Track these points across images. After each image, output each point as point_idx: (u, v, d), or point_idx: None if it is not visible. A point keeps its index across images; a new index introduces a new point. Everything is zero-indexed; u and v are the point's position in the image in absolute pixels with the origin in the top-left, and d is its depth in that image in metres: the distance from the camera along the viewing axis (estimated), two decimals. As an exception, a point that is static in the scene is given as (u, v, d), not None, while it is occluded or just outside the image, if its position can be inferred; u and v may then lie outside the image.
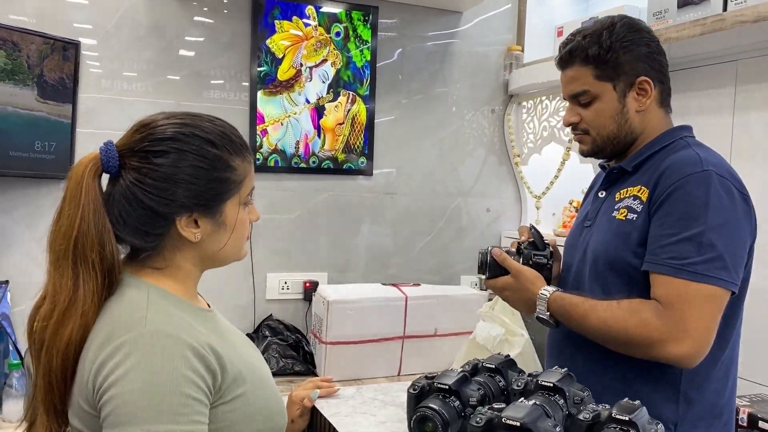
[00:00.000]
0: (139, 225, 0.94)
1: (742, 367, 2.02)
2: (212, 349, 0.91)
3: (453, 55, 2.65)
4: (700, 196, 1.18)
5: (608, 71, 1.29)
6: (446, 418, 1.08)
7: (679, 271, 1.15)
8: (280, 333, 2.28)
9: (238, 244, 1.03)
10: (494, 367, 1.23)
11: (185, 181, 0.94)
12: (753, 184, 1.96)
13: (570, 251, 1.41)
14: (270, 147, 2.37)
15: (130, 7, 2.20)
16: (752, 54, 1.97)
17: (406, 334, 2.20)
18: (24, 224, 2.07)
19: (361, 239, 2.54)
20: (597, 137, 1.33)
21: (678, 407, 1.25)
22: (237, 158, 1.00)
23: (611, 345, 1.22)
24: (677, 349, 1.15)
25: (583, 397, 1.11)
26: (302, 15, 2.39)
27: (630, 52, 1.29)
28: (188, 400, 0.85)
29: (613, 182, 1.36)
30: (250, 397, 0.96)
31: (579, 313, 1.23)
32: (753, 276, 1.96)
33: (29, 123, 1.94)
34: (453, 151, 2.67)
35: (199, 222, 0.97)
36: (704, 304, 1.16)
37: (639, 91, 1.30)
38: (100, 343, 0.88)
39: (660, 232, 1.19)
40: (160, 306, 0.93)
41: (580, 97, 1.32)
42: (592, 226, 1.35)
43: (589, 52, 1.29)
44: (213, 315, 1.04)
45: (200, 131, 0.97)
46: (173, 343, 0.87)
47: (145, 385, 0.84)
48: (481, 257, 1.37)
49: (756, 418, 1.63)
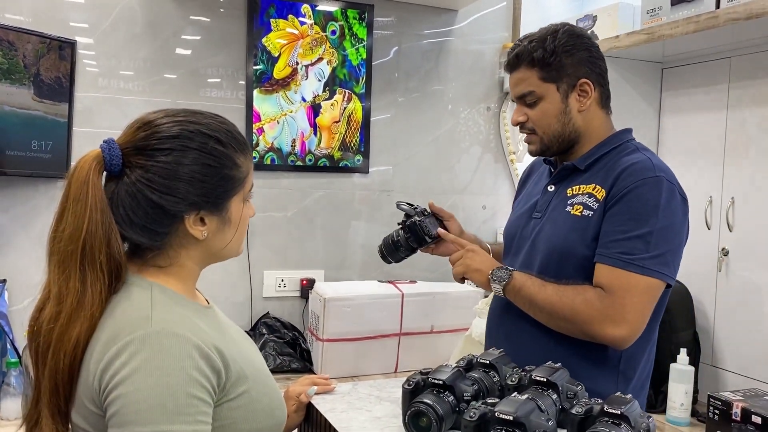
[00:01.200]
0: (147, 224, 0.94)
1: (735, 363, 2.04)
2: (216, 348, 0.91)
3: (448, 53, 2.66)
4: (651, 200, 1.29)
5: (552, 73, 1.39)
6: (440, 413, 1.09)
7: (628, 265, 1.27)
8: (277, 330, 2.29)
9: (240, 240, 1.04)
10: (488, 362, 1.24)
11: (195, 179, 0.94)
12: (746, 180, 1.98)
13: (516, 240, 1.50)
14: (266, 145, 2.38)
15: (126, 6, 2.20)
16: (745, 51, 1.98)
17: (403, 330, 2.21)
18: (21, 223, 2.08)
19: (358, 237, 2.55)
20: (543, 136, 1.42)
21: (617, 385, 1.36)
22: (241, 155, 1.00)
23: (554, 321, 1.33)
24: (613, 330, 1.27)
25: (576, 391, 1.13)
26: (298, 13, 2.40)
27: (572, 55, 1.39)
28: (194, 400, 0.86)
29: (563, 178, 1.45)
30: (252, 393, 0.97)
31: (531, 291, 1.34)
32: (748, 273, 1.97)
33: (26, 122, 1.95)
34: (449, 149, 2.68)
35: (206, 220, 0.98)
36: (643, 294, 1.28)
37: (580, 92, 1.40)
38: (105, 343, 0.88)
39: (612, 228, 1.30)
40: (164, 304, 0.93)
41: (527, 97, 1.41)
42: (543, 218, 1.44)
43: (534, 55, 1.38)
44: (213, 311, 1.05)
45: (206, 129, 0.97)
46: (179, 342, 0.87)
47: (152, 384, 0.84)
48: (414, 226, 1.56)
49: (749, 413, 1.64)
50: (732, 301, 2.03)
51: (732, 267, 2.02)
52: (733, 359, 2.03)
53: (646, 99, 2.31)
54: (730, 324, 2.04)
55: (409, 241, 1.56)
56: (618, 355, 1.36)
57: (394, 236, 1.59)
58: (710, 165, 2.09)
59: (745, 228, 1.98)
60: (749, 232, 1.96)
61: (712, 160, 2.09)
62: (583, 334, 1.31)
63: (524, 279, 1.36)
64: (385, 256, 1.61)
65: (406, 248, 1.58)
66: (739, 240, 2.00)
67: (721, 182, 2.06)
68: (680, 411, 1.88)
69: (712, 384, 2.06)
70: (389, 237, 1.60)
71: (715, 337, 2.08)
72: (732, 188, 2.02)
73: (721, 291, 2.05)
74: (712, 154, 2.10)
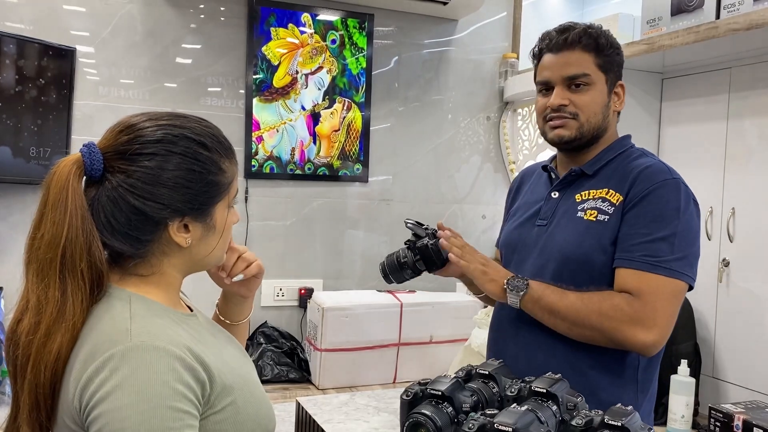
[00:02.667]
0: (129, 230, 0.90)
1: (736, 375, 2.02)
2: (199, 359, 0.87)
3: (448, 62, 2.66)
4: (672, 202, 1.27)
5: (606, 64, 1.35)
6: (439, 425, 1.08)
7: (654, 267, 1.23)
8: (275, 340, 2.27)
9: (223, 247, 1.01)
10: (488, 373, 1.23)
11: (179, 184, 0.91)
12: (747, 190, 1.97)
13: (519, 249, 1.44)
14: (265, 153, 2.38)
15: (126, 15, 2.21)
16: (745, 61, 1.98)
17: (402, 341, 2.20)
18: (19, 231, 2.07)
19: (357, 246, 2.54)
20: (585, 123, 1.35)
21: (637, 395, 1.33)
22: (226, 160, 0.97)
23: (578, 329, 1.27)
24: (644, 335, 1.22)
25: (576, 402, 1.11)
26: (298, 22, 2.40)
27: (619, 55, 1.38)
28: (178, 414, 0.82)
29: (569, 184, 1.40)
30: (239, 404, 0.93)
31: (552, 299, 1.28)
32: (749, 284, 1.96)
33: (25, 129, 1.95)
34: (448, 158, 2.68)
35: (190, 227, 0.94)
36: (672, 298, 1.25)
37: (615, 93, 1.39)
38: (84, 360, 0.84)
39: (634, 231, 1.27)
40: (144, 316, 0.88)
41: (579, 79, 1.33)
42: (550, 225, 1.38)
43: (598, 40, 1.34)
44: (196, 319, 1.00)
45: (190, 133, 0.94)
46: (160, 355, 0.83)
47: (134, 400, 0.80)
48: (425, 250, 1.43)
49: (751, 425, 1.63)
50: (733, 312, 2.01)
51: (733, 278, 2.01)
52: (735, 371, 2.02)
53: (647, 109, 2.31)
54: (732, 335, 2.02)
55: (418, 264, 1.46)
56: (636, 365, 1.33)
57: (400, 256, 1.47)
58: (711, 175, 2.09)
59: (745, 238, 1.97)
60: (750, 243, 1.96)
61: (712, 170, 2.09)
62: (610, 341, 1.26)
63: (542, 288, 1.30)
64: (388, 275, 1.49)
65: (413, 270, 1.48)
66: (740, 250, 1.99)
67: (721, 192, 2.05)
68: (681, 423, 1.86)
69: (713, 396, 2.04)
70: (395, 257, 1.48)
71: (716, 348, 2.07)
72: (733, 199, 2.02)
73: (722, 302, 2.04)
74: (712, 165, 2.09)
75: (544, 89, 1.39)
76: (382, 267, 1.49)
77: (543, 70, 1.39)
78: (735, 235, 1.99)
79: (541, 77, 1.39)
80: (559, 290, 1.29)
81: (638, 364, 1.33)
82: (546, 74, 1.37)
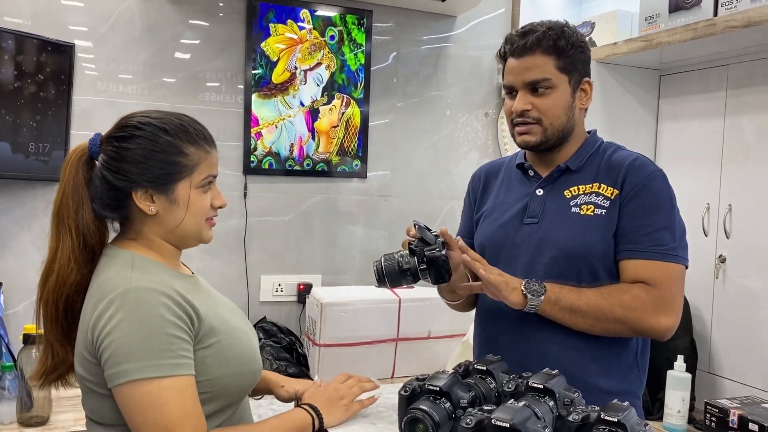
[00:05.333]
0: (106, 199, 1.12)
1: (732, 371, 2.04)
2: (188, 300, 1.07)
3: (447, 58, 2.66)
4: (665, 192, 1.34)
5: (568, 65, 1.36)
6: (437, 420, 1.09)
7: (664, 256, 1.30)
8: (274, 335, 2.28)
9: (195, 222, 1.16)
10: (485, 368, 1.23)
11: (137, 161, 1.10)
12: (743, 187, 1.98)
13: (507, 248, 1.42)
14: (264, 149, 2.38)
15: (125, 10, 2.20)
16: (743, 58, 1.99)
17: (400, 336, 2.21)
18: (18, 226, 2.07)
19: (355, 241, 2.55)
20: (549, 127, 1.37)
21: (640, 377, 1.41)
22: (191, 146, 1.14)
23: (601, 324, 1.30)
24: (666, 321, 1.29)
25: (573, 398, 1.12)
26: (297, 18, 2.40)
27: (582, 53, 1.39)
28: (173, 339, 1.03)
29: (553, 181, 1.42)
30: (224, 345, 1.12)
31: (571, 298, 1.30)
32: (745, 280, 1.97)
33: (23, 125, 1.95)
34: (447, 154, 2.68)
35: (154, 198, 1.12)
36: (681, 282, 1.33)
37: (582, 90, 1.40)
38: (95, 301, 1.06)
39: (637, 223, 1.32)
40: (143, 268, 1.09)
41: (539, 84, 1.35)
42: (541, 222, 1.39)
43: (557, 42, 1.34)
44: (194, 279, 1.21)
45: (157, 122, 1.13)
46: (154, 294, 1.04)
47: (135, 330, 1.01)
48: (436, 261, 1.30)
49: (746, 420, 1.64)
50: (729, 308, 2.03)
51: (729, 274, 2.02)
52: (730, 366, 2.03)
53: (644, 105, 2.32)
54: (728, 331, 2.04)
55: (422, 272, 1.32)
56: (636, 350, 1.39)
57: (402, 261, 1.32)
58: (708, 172, 2.10)
59: (742, 235, 1.98)
60: (746, 239, 1.97)
61: (709, 166, 2.10)
62: (634, 330, 1.31)
63: (558, 289, 1.31)
64: (383, 278, 1.33)
65: (414, 277, 1.33)
66: (737, 247, 2.00)
67: (718, 189, 2.06)
68: (677, 418, 1.88)
69: (709, 391, 2.06)
70: (395, 261, 1.32)
71: (712, 344, 2.08)
72: (729, 195, 2.03)
73: (719, 298, 2.05)
74: (709, 161, 2.10)
75: (509, 93, 1.41)
76: (378, 269, 1.34)
77: (507, 75, 1.41)
78: (731, 232, 2.00)
79: (506, 81, 1.41)
80: (575, 289, 1.31)
81: (637, 348, 1.39)
82: (510, 79, 1.40)
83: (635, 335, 1.34)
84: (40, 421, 1.70)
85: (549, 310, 1.31)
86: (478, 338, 1.54)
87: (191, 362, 1.06)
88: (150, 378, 1.01)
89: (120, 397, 1.03)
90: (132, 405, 1.02)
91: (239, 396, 1.19)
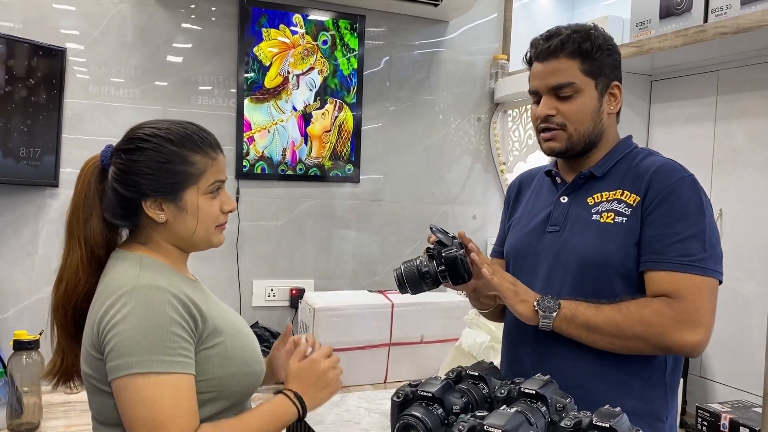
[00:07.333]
0: (118, 208, 1.15)
1: (723, 375, 2.05)
2: (193, 301, 1.09)
3: (439, 63, 2.67)
4: (693, 198, 1.25)
5: (594, 68, 1.31)
6: (429, 426, 1.08)
7: (690, 267, 1.21)
8: (266, 340, 2.27)
9: (204, 227, 1.18)
10: (478, 374, 1.23)
11: (144, 172, 1.13)
12: (734, 192, 1.99)
13: (530, 256, 1.39)
14: (257, 154, 2.38)
15: (117, 14, 2.20)
16: (733, 64, 2.00)
17: (393, 341, 2.20)
18: (9, 231, 2.06)
19: (348, 246, 2.55)
20: (574, 133, 1.32)
21: (667, 400, 1.30)
22: (196, 155, 1.16)
23: (621, 341, 1.22)
24: (691, 336, 1.19)
25: (565, 404, 1.12)
26: (289, 23, 2.40)
27: (611, 56, 1.34)
28: (175, 337, 1.05)
29: (578, 188, 1.36)
30: (228, 345, 1.14)
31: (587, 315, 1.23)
32: (736, 284, 1.98)
33: (14, 130, 1.94)
34: (439, 159, 2.69)
35: (164, 206, 1.15)
36: (710, 296, 1.22)
37: (610, 95, 1.35)
38: (103, 298, 1.09)
39: (661, 232, 1.24)
40: (150, 269, 1.12)
41: (564, 89, 1.31)
42: (563, 230, 1.34)
43: (583, 46, 1.30)
44: (199, 285, 1.22)
45: (163, 132, 1.15)
46: (161, 292, 1.07)
47: (140, 325, 1.04)
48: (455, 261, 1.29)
49: (737, 424, 1.65)
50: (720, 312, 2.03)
51: (720, 278, 2.03)
52: (722, 371, 2.04)
53: (636, 111, 2.33)
54: (719, 335, 2.04)
55: (442, 275, 1.31)
56: (664, 367, 1.30)
57: (421, 266, 1.31)
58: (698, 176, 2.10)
59: (733, 239, 1.99)
60: (737, 244, 1.98)
61: (700, 171, 2.09)
62: (657, 347, 1.22)
63: (574, 305, 1.24)
64: (405, 285, 1.33)
65: (434, 281, 1.32)
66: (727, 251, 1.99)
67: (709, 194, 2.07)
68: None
69: (700, 395, 2.06)
70: (414, 266, 1.32)
71: (704, 348, 2.08)
72: (720, 200, 2.03)
73: (710, 302, 2.06)
74: (700, 166, 2.11)
75: (535, 98, 1.37)
76: (398, 276, 1.33)
77: (532, 79, 1.37)
78: (722, 236, 2.01)
79: (531, 87, 1.37)
80: (592, 305, 1.24)
81: (665, 366, 1.30)
82: (534, 83, 1.36)
83: (660, 353, 1.24)
84: (30, 428, 1.69)
85: (565, 328, 1.24)
86: (503, 349, 1.48)
87: (191, 362, 1.07)
88: (147, 373, 1.03)
89: (117, 390, 1.05)
90: (126, 399, 1.04)
91: (243, 396, 1.20)
